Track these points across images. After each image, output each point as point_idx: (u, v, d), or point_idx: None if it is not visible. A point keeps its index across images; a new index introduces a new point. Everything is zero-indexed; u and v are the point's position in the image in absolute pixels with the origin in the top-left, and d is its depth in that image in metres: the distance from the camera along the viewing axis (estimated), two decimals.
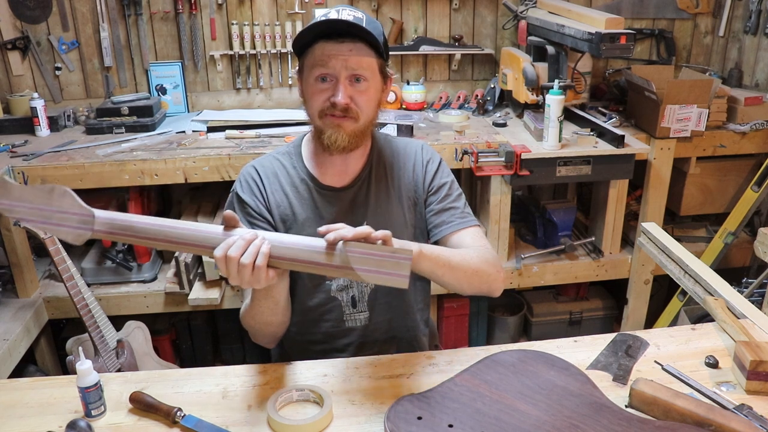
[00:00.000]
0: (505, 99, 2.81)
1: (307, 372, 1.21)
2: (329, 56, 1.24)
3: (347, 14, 1.26)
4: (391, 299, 1.43)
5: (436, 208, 1.41)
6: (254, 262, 1.02)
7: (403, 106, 2.82)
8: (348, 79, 1.26)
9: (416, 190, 1.42)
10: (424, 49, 2.84)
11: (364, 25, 1.24)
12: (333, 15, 1.26)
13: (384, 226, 1.36)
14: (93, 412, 1.09)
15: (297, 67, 1.35)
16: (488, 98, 2.81)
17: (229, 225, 1.07)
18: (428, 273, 1.22)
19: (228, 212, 1.06)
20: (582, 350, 1.26)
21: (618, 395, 1.12)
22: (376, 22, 1.31)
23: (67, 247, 2.09)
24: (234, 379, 1.20)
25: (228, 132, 2.46)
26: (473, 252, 1.31)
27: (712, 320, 1.35)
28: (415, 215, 1.43)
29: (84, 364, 1.08)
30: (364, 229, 1.05)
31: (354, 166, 1.38)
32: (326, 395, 1.09)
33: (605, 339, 1.30)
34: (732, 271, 2.67)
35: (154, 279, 2.47)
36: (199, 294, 2.37)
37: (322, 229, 1.06)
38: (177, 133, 2.51)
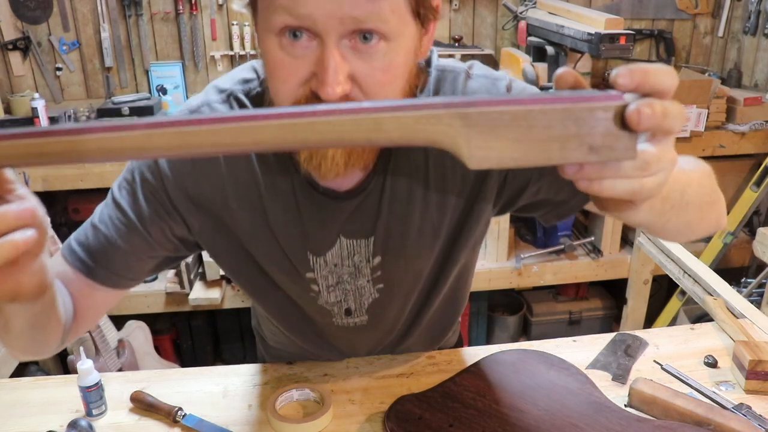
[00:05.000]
0: None
1: (307, 372, 1.21)
2: None
3: None
4: (400, 303, 1.07)
5: (544, 184, 0.90)
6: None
7: None
8: (347, 38, 0.64)
9: (463, 188, 0.92)
10: None
11: None
12: None
13: (397, 238, 0.93)
14: (94, 412, 1.09)
15: (253, 23, 0.73)
16: None
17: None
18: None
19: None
20: (581, 350, 1.26)
21: (617, 395, 1.12)
22: None
23: None
24: (234, 379, 1.20)
25: None
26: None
27: (711, 320, 1.36)
28: (451, 219, 0.94)
29: (85, 364, 1.08)
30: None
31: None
32: (326, 395, 1.09)
33: (604, 339, 1.30)
34: (731, 271, 2.67)
35: (155, 279, 2.47)
36: (200, 294, 2.37)
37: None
38: None
